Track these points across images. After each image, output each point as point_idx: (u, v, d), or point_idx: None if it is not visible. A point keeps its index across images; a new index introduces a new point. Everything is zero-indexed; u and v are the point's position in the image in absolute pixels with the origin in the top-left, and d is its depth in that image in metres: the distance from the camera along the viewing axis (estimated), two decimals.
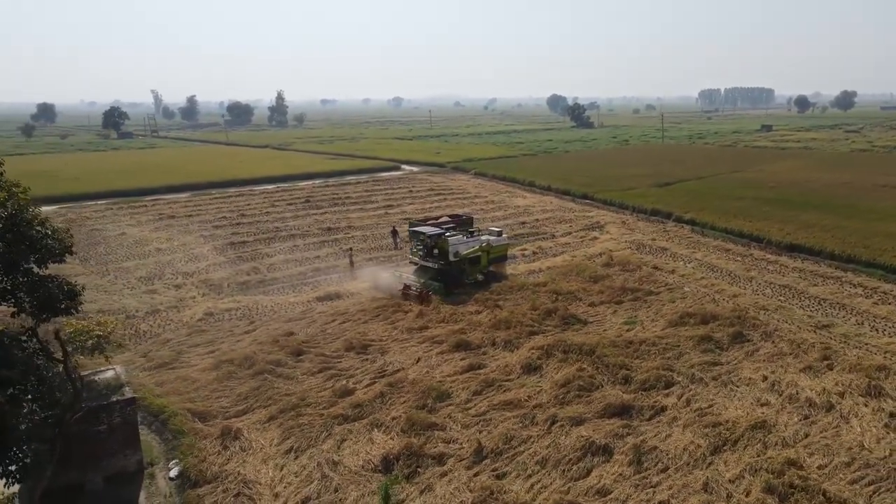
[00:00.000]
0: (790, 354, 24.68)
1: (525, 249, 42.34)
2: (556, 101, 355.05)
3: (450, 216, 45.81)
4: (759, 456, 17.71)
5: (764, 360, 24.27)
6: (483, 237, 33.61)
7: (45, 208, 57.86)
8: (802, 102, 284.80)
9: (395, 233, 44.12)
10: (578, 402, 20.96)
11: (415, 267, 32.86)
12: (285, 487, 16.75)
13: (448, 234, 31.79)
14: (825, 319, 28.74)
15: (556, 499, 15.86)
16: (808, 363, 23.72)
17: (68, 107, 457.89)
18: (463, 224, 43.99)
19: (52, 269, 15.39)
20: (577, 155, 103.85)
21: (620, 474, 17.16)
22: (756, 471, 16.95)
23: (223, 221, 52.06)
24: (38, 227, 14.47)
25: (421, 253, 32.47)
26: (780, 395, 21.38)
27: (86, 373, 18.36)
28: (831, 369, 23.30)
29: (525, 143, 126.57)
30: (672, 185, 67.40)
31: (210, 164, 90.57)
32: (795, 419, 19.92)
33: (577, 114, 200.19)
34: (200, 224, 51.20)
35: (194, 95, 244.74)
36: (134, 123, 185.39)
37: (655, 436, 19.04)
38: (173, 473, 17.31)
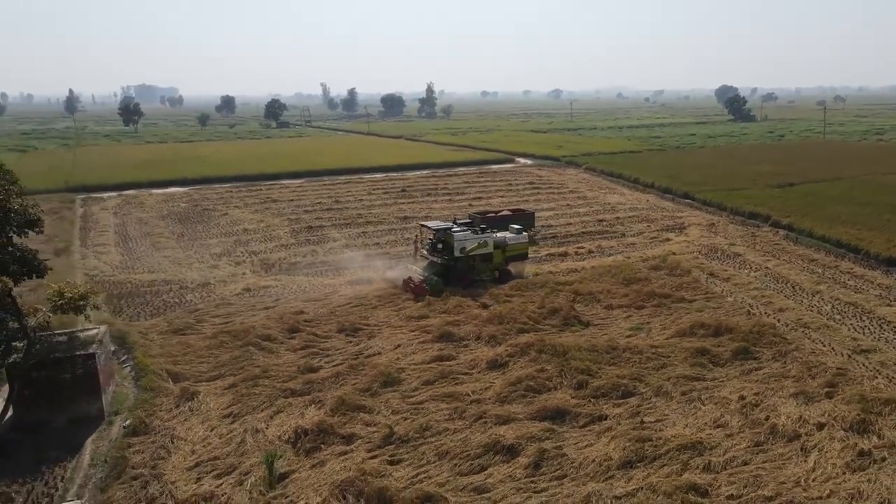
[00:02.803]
0: (793, 377, 22.32)
1: (582, 248, 41.21)
2: (725, 93, 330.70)
3: (511, 210, 45.88)
4: (668, 476, 16.60)
5: (757, 381, 22.20)
6: (497, 234, 33.35)
7: (177, 189, 65.89)
8: None
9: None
10: (519, 402, 20.72)
11: (427, 261, 33.36)
12: (204, 447, 18.57)
13: (455, 229, 31.96)
14: (871, 344, 25.39)
15: (425, 490, 16.10)
16: (805, 388, 21.36)
17: (257, 98, 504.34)
18: (523, 220, 43.85)
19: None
20: (710, 151, 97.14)
21: (511, 476, 16.95)
22: (651, 491, 15.96)
23: (316, 207, 55.91)
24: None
25: (428, 247, 33.03)
26: (746, 419, 19.58)
27: (74, 330, 21.58)
28: (830, 397, 20.82)
29: (662, 138, 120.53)
30: (795, 186, 61.30)
31: (338, 153, 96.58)
32: (744, 445, 18.25)
33: (736, 106, 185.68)
34: (295, 208, 55.42)
35: (354, 88, 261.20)
36: (292, 114, 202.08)
37: (575, 443, 18.43)
38: (126, 423, 19.84)
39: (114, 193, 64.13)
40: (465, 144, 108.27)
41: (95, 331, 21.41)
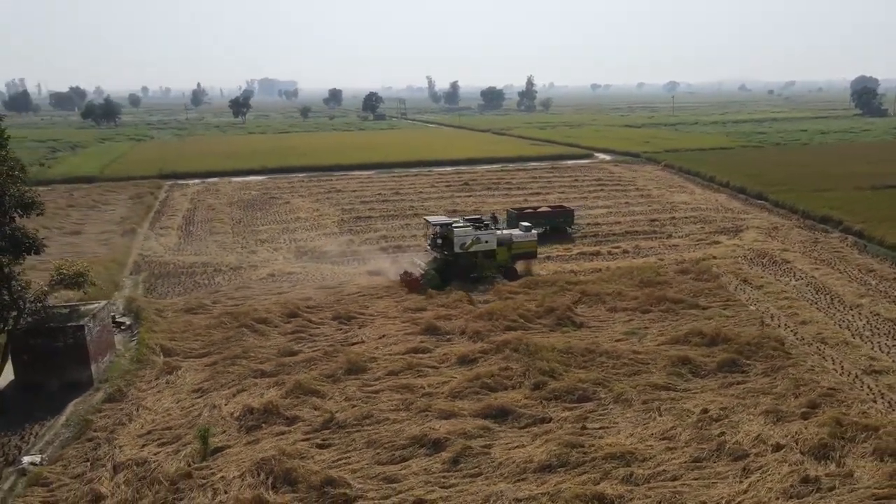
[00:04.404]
0: (775, 394, 20.84)
1: (618, 247, 39.94)
2: (861, 84, 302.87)
3: (551, 207, 45.19)
4: (583, 484, 16.17)
5: (733, 395, 20.94)
6: (503, 231, 32.95)
7: (255, 178, 69.81)
8: None
9: (494, 219, 44.68)
10: (470, 399, 20.75)
11: (432, 256, 33.50)
12: (164, 417, 20.10)
13: (456, 224, 31.90)
14: (887, 365, 23.15)
15: (331, 474, 16.61)
16: (781, 407, 19.93)
17: (364, 90, 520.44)
18: (563, 217, 43.15)
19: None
20: (812, 148, 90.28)
21: (427, 469, 17.15)
22: (554, 497, 15.64)
23: (374, 198, 57.45)
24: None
25: (430, 242, 33.20)
26: (698, 433, 18.58)
27: (77, 303, 23.89)
28: (804, 418, 19.33)
29: (766, 134, 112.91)
30: (892, 189, 55.86)
31: (418, 145, 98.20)
32: (682, 460, 17.39)
33: (865, 99, 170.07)
34: (354, 198, 57.25)
35: (456, 81, 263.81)
36: (391, 107, 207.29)
37: (506, 444, 18.29)
38: (109, 391, 21.78)
39: (198, 181, 69.01)
40: (549, 139, 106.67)
41: (95, 305, 23.61)
